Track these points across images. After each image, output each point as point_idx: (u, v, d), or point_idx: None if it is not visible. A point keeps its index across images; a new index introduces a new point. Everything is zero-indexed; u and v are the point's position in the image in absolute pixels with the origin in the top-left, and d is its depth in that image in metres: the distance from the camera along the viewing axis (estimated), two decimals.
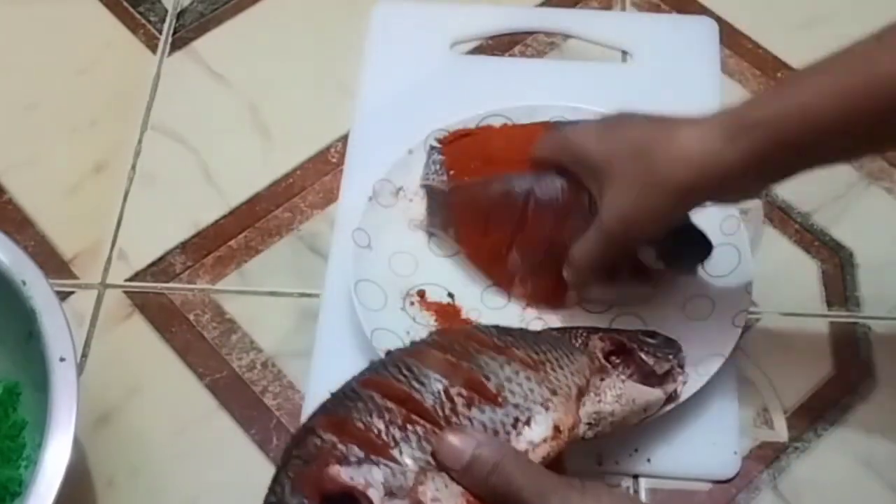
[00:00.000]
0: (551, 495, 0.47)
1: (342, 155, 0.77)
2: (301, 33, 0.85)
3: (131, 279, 0.73)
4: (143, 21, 0.86)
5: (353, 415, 0.50)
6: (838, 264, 0.71)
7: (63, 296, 0.71)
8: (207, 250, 0.74)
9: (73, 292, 0.72)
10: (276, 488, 0.49)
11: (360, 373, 0.56)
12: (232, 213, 0.76)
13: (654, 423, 0.62)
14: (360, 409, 0.51)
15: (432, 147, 0.72)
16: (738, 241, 0.68)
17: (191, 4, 0.87)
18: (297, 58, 0.83)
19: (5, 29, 0.86)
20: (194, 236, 0.75)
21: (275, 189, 0.77)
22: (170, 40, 0.85)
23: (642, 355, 0.60)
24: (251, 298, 0.72)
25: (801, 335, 0.68)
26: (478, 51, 0.83)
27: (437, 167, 0.71)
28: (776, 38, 0.82)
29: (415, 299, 0.68)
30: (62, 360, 0.56)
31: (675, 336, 0.63)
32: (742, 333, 0.64)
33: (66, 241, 0.75)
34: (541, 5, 0.85)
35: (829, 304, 0.70)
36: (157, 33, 0.85)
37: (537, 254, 0.67)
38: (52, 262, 0.73)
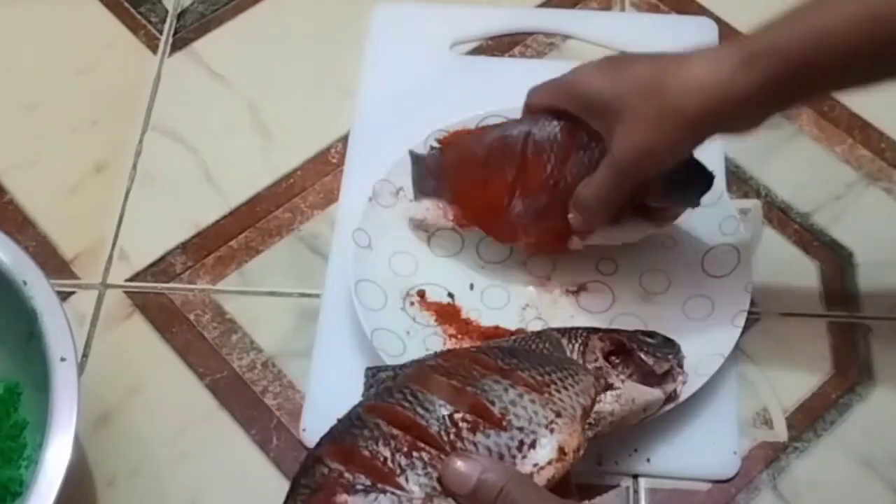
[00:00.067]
0: None
1: (342, 155, 0.77)
2: (301, 34, 0.85)
3: (132, 279, 0.73)
4: (144, 21, 0.86)
5: (359, 443, 0.51)
6: (837, 264, 0.71)
7: (64, 296, 0.71)
8: (208, 250, 0.74)
9: (73, 292, 0.72)
10: None
11: (364, 393, 0.56)
12: (232, 213, 0.76)
13: (653, 423, 0.62)
14: (365, 436, 0.51)
15: (432, 147, 0.72)
16: (738, 241, 0.68)
17: (191, 5, 0.87)
18: (297, 58, 0.83)
19: (5, 29, 0.86)
20: (195, 236, 0.75)
21: (275, 189, 0.77)
22: (170, 41, 0.85)
23: (642, 355, 0.60)
24: (251, 298, 0.72)
25: (800, 335, 0.68)
26: (478, 51, 0.83)
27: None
28: None
29: (415, 299, 0.68)
30: (63, 360, 0.56)
31: (675, 336, 0.63)
32: (741, 333, 0.64)
33: (66, 242, 0.75)
34: (540, 6, 0.85)
35: (829, 305, 0.70)
36: (157, 34, 0.85)
37: (541, 198, 0.65)
38: (53, 263, 0.73)
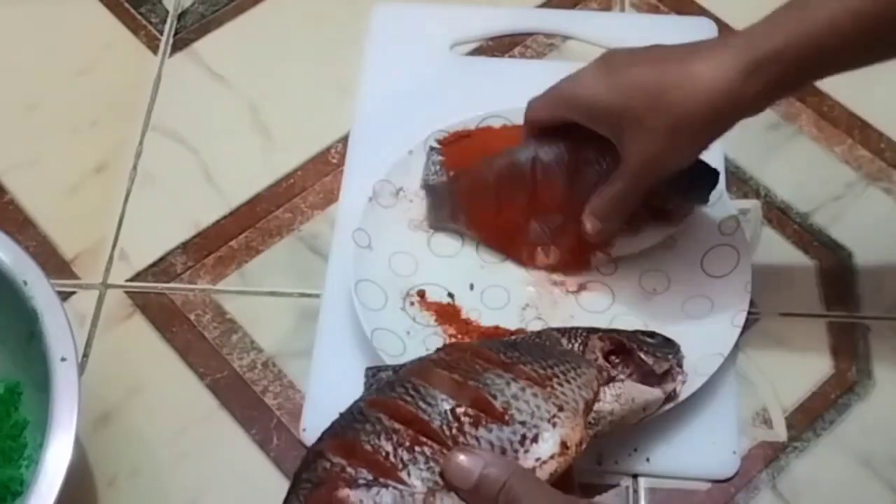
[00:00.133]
0: None
1: (342, 155, 0.77)
2: (301, 34, 0.85)
3: (132, 279, 0.73)
4: (144, 22, 0.86)
5: (361, 437, 0.51)
6: (837, 264, 0.71)
7: (64, 296, 0.71)
8: (208, 250, 0.74)
9: (74, 292, 0.73)
10: None
11: (366, 389, 0.56)
12: (232, 213, 0.76)
13: (653, 423, 0.62)
14: (367, 431, 0.51)
15: (432, 148, 0.72)
16: (737, 241, 0.68)
17: (192, 6, 0.87)
18: (298, 58, 0.83)
19: (6, 29, 0.86)
20: (195, 236, 0.75)
21: (275, 189, 0.77)
22: (171, 41, 0.85)
23: (641, 355, 0.60)
24: (252, 298, 0.72)
25: (799, 335, 0.68)
26: (478, 52, 0.83)
27: (437, 168, 0.71)
28: None
29: (415, 299, 0.68)
30: (63, 360, 0.56)
31: (675, 336, 0.63)
32: (741, 333, 0.64)
33: (67, 242, 0.75)
34: (540, 7, 0.85)
35: (828, 304, 0.70)
36: (158, 34, 0.85)
37: (556, 218, 0.67)
38: (54, 263, 0.74)
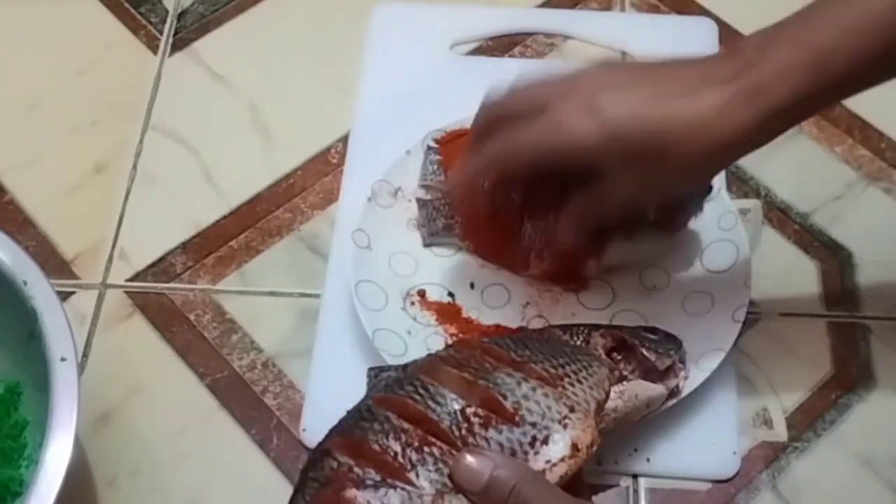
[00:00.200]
0: None
1: (342, 155, 0.77)
2: (301, 34, 0.85)
3: (132, 279, 0.73)
4: (144, 22, 0.86)
5: (368, 436, 0.50)
6: (837, 264, 0.71)
7: (64, 296, 0.71)
8: (208, 250, 0.74)
9: (73, 292, 0.72)
10: None
11: (372, 387, 0.56)
12: (232, 213, 0.76)
13: (653, 423, 0.62)
14: (375, 430, 0.50)
15: (429, 147, 0.72)
16: (736, 237, 0.68)
17: (192, 5, 0.87)
18: (298, 58, 0.83)
19: (5, 29, 0.86)
20: (195, 236, 0.75)
21: (275, 189, 0.77)
22: (170, 41, 0.85)
23: (644, 351, 0.60)
24: (251, 298, 0.72)
25: (800, 335, 0.68)
26: (478, 52, 0.83)
27: (435, 167, 0.71)
28: None
29: (415, 299, 0.68)
30: (63, 359, 0.56)
31: (676, 332, 0.63)
32: (741, 332, 0.64)
33: (66, 242, 0.75)
34: (540, 6, 0.85)
35: (828, 305, 0.70)
36: (157, 34, 0.85)
37: (549, 217, 0.65)
38: (53, 263, 0.73)
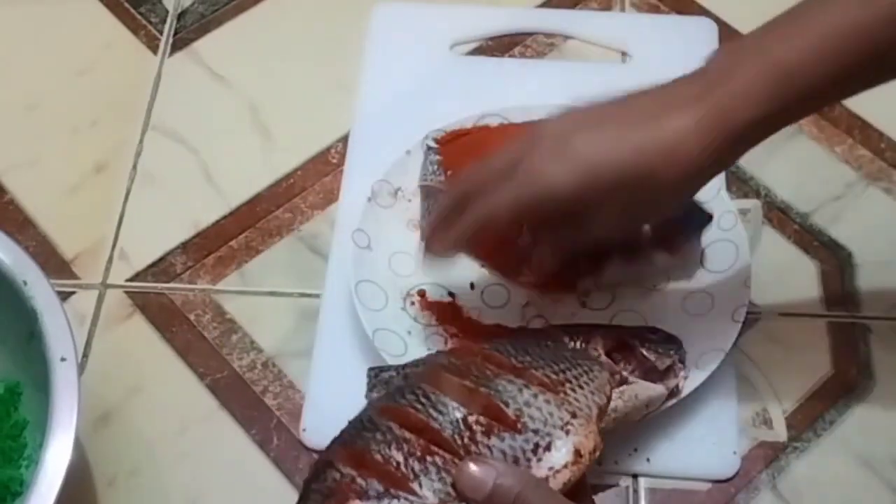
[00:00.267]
0: None
1: (342, 155, 0.77)
2: (301, 34, 0.85)
3: (132, 279, 0.73)
4: (144, 22, 0.86)
5: (371, 446, 0.50)
6: (837, 264, 0.71)
7: (64, 296, 0.71)
8: (208, 250, 0.74)
9: (74, 292, 0.73)
10: None
11: (371, 392, 0.56)
12: (232, 213, 0.76)
13: (653, 423, 0.62)
14: (378, 440, 0.50)
15: (429, 147, 0.72)
16: (736, 237, 0.68)
17: (191, 5, 0.87)
18: (298, 58, 0.83)
19: (5, 29, 0.86)
20: (195, 236, 0.75)
21: (275, 189, 0.77)
22: (170, 41, 0.85)
23: (644, 351, 0.60)
24: (251, 298, 0.72)
25: (800, 335, 0.68)
26: (478, 52, 0.83)
27: (435, 167, 0.71)
28: None
29: (415, 299, 0.68)
30: (63, 360, 0.56)
31: (676, 332, 0.63)
32: (741, 332, 0.64)
33: (67, 242, 0.75)
34: (540, 6, 0.85)
35: (828, 305, 0.70)
36: (157, 34, 0.85)
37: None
38: (53, 263, 0.73)
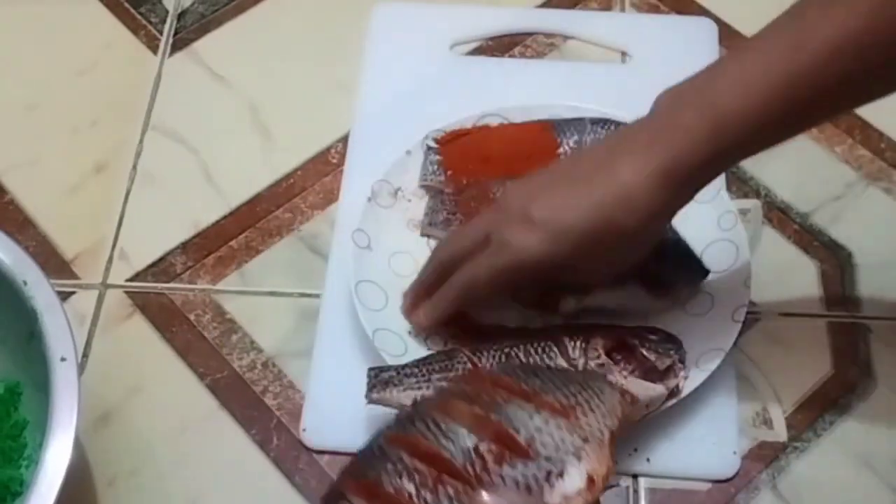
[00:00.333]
0: None
1: (342, 155, 0.77)
2: (301, 34, 0.85)
3: (132, 279, 0.73)
4: (144, 22, 0.86)
5: (382, 477, 0.50)
6: (837, 264, 0.71)
7: (64, 296, 0.71)
8: (208, 250, 0.74)
9: (74, 292, 0.73)
10: None
11: (371, 392, 0.56)
12: (232, 213, 0.76)
13: (653, 423, 0.62)
14: (389, 470, 0.50)
15: (429, 147, 0.72)
16: (736, 237, 0.68)
17: (191, 5, 0.87)
18: (298, 58, 0.83)
19: (5, 29, 0.86)
20: (195, 236, 0.75)
21: (275, 189, 0.77)
22: (170, 41, 0.85)
23: (644, 351, 0.60)
24: (251, 298, 0.72)
25: (800, 335, 0.68)
26: (478, 52, 0.83)
27: (435, 167, 0.71)
28: None
29: None
30: (63, 359, 0.56)
31: (676, 332, 0.63)
32: (741, 332, 0.64)
33: (67, 242, 0.75)
34: (540, 6, 0.85)
35: (828, 305, 0.70)
36: (157, 34, 0.85)
37: None
38: (53, 263, 0.73)
